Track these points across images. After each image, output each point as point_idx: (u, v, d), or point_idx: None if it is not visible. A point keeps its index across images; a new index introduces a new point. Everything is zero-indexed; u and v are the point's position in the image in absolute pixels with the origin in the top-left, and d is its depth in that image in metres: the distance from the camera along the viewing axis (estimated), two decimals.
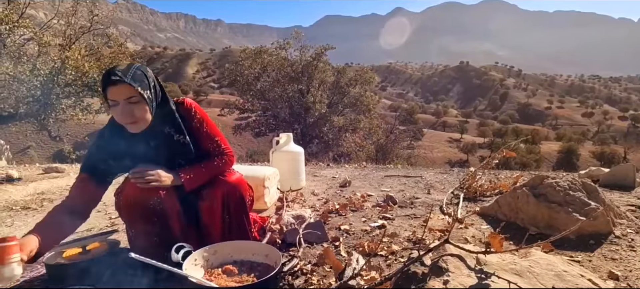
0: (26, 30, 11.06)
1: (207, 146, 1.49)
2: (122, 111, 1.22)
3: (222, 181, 1.47)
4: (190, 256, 1.17)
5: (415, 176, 3.51)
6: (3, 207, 3.01)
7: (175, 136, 1.40)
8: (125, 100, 1.22)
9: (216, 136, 1.51)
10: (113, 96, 1.23)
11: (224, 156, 1.52)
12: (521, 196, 1.88)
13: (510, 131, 58.42)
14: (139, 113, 1.25)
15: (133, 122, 1.26)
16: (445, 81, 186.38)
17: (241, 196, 1.50)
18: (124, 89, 1.21)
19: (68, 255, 1.60)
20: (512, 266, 1.04)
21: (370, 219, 2.16)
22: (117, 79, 1.19)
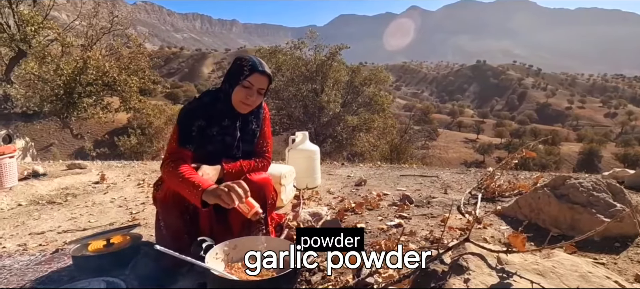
0: (50, 32, 11.44)
1: (260, 143, 1.66)
2: (249, 94, 1.48)
3: (248, 180, 1.52)
4: (211, 250, 1.20)
5: (431, 176, 3.48)
6: (30, 201, 3.13)
7: (253, 124, 1.62)
8: (258, 88, 1.49)
9: (268, 139, 1.70)
10: (254, 81, 1.47)
11: (264, 160, 1.67)
12: (542, 196, 1.84)
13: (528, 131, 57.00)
14: (257, 101, 1.53)
15: (249, 106, 1.52)
16: (461, 80, 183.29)
17: (265, 196, 1.54)
18: (264, 82, 1.49)
19: (93, 248, 1.66)
20: (534, 266, 1.03)
21: (387, 218, 2.16)
22: (267, 72, 1.49)
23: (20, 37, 10.20)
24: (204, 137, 1.54)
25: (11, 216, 2.69)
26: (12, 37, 10.16)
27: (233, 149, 1.59)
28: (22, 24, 10.26)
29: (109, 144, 22.62)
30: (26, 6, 10.85)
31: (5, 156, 3.55)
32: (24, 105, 11.50)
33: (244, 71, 1.47)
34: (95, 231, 2.26)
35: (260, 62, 1.50)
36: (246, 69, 1.47)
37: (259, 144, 1.66)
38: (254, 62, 1.48)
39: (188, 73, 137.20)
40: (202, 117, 1.52)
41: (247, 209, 1.27)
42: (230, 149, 1.59)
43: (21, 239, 2.17)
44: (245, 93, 1.48)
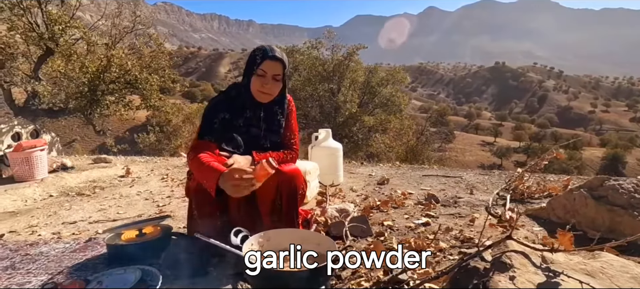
0: (77, 31, 11.81)
1: (286, 136, 1.67)
2: (265, 82, 1.48)
3: (278, 171, 1.52)
4: (247, 241, 1.20)
5: (454, 176, 3.42)
6: (60, 192, 3.23)
7: (278, 115, 1.63)
8: (272, 75, 1.48)
9: (295, 131, 1.71)
10: (266, 68, 1.47)
11: (292, 152, 1.67)
12: (579, 198, 1.78)
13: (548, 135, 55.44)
14: (274, 89, 1.52)
15: (267, 94, 1.51)
16: (479, 81, 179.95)
17: (295, 186, 1.54)
18: (277, 67, 1.49)
19: (126, 237, 1.70)
20: (582, 266, 0.99)
21: (413, 216, 2.13)
22: (278, 57, 1.47)
23: (48, 36, 10.57)
24: (229, 129, 1.56)
25: (43, 206, 2.79)
26: (41, 35, 10.53)
27: (260, 139, 1.61)
28: (50, 23, 10.63)
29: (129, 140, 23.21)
30: (54, 6, 11.24)
31: (36, 149, 3.68)
32: (50, 102, 11.91)
33: (257, 60, 1.49)
34: (124, 222, 2.31)
35: (272, 48, 1.51)
36: (258, 57, 1.49)
37: (286, 136, 1.67)
38: (265, 49, 1.50)
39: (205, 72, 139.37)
40: (226, 110, 1.55)
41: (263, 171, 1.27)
42: (258, 140, 1.60)
43: (55, 228, 2.24)
44: (261, 81, 1.49)
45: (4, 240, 2.05)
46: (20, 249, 1.87)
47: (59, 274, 1.56)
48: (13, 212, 2.67)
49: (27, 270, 1.61)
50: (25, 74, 11.34)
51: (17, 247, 1.91)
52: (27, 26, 10.56)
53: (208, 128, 1.52)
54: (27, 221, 2.42)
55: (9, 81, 11.18)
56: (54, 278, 1.52)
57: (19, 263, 1.70)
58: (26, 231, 2.21)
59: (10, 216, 2.56)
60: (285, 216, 1.55)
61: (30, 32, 10.60)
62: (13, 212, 2.67)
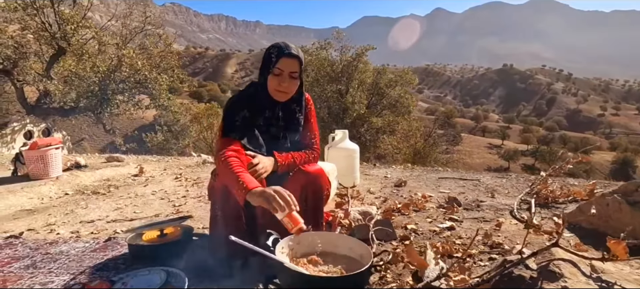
0: (88, 30, 11.92)
1: (306, 135, 1.63)
2: (282, 80, 1.44)
3: (303, 172, 1.51)
4: (278, 244, 1.17)
5: (472, 179, 3.35)
6: (76, 190, 3.24)
7: (297, 113, 1.58)
8: (289, 73, 1.44)
9: (315, 131, 1.66)
10: (283, 66, 1.43)
11: (314, 152, 1.63)
12: (612, 203, 1.71)
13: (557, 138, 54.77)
14: (292, 87, 1.48)
15: (284, 92, 1.48)
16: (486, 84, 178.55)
17: (320, 187, 1.50)
18: (293, 64, 1.44)
19: (147, 238, 1.67)
20: (635, 276, 0.94)
21: (436, 220, 2.08)
22: (294, 54, 1.43)
23: (60, 35, 10.69)
24: (250, 128, 1.52)
25: (60, 205, 2.78)
26: (53, 35, 10.65)
27: (280, 139, 1.57)
28: (63, 22, 10.75)
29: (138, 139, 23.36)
30: (67, 6, 11.37)
31: (51, 147, 3.69)
32: (62, 100, 12.03)
33: (272, 58, 1.45)
34: (142, 222, 2.30)
35: (287, 45, 1.47)
36: (273, 55, 1.45)
37: (306, 135, 1.63)
38: (281, 47, 1.46)
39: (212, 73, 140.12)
40: (246, 108, 1.52)
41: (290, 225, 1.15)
42: (277, 140, 1.57)
43: (73, 226, 2.23)
44: (278, 80, 1.45)
45: (23, 238, 2.04)
46: (40, 248, 1.86)
47: (81, 274, 1.54)
48: (30, 210, 2.67)
49: (49, 269, 1.59)
50: (37, 72, 11.47)
51: (36, 245, 1.90)
52: (39, 26, 10.69)
53: (231, 126, 1.49)
54: (44, 219, 2.41)
55: (22, 79, 11.31)
56: (77, 278, 1.50)
57: (40, 261, 1.68)
58: (44, 229, 2.20)
59: (28, 214, 2.56)
60: (311, 218, 1.51)
61: (42, 32, 10.73)
62: (30, 210, 2.67)
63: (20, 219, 2.44)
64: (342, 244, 1.23)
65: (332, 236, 1.33)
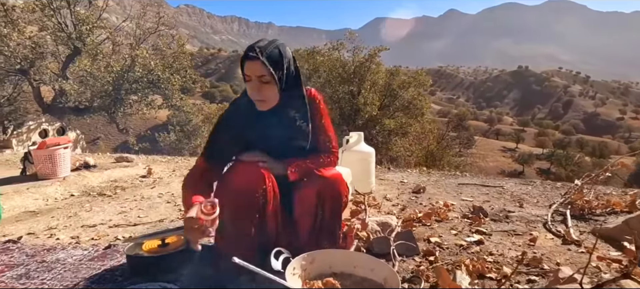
0: (103, 31, 12.05)
1: (320, 137, 1.44)
2: (252, 87, 1.26)
3: (319, 176, 1.34)
4: (289, 265, 1.02)
5: (495, 186, 3.15)
6: (82, 192, 3.15)
7: (299, 121, 1.39)
8: (257, 77, 1.25)
9: (330, 131, 1.47)
10: (248, 71, 1.25)
11: (331, 155, 1.45)
12: None
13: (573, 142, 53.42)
14: (267, 92, 1.28)
15: (261, 100, 1.29)
16: (501, 86, 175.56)
17: (338, 193, 1.34)
18: (258, 67, 1.23)
19: (147, 247, 1.54)
20: None
21: (462, 232, 1.90)
22: (254, 56, 1.23)
23: (76, 36, 10.82)
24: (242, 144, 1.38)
25: (64, 206, 2.69)
26: (69, 35, 10.79)
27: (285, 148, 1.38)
28: (78, 23, 10.88)
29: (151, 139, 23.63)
30: (82, 7, 11.52)
31: (60, 146, 3.62)
32: (76, 100, 12.18)
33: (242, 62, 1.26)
34: (145, 227, 2.18)
35: (252, 46, 1.27)
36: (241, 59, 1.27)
37: (319, 139, 1.44)
38: (249, 46, 1.27)
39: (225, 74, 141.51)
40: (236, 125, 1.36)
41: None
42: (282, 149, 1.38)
43: (74, 231, 2.12)
44: (249, 87, 1.28)
45: (22, 243, 1.94)
46: (37, 255, 1.75)
47: (74, 286, 1.41)
48: (34, 212, 2.59)
49: (42, 280, 1.47)
50: (53, 72, 11.64)
51: (34, 252, 1.79)
52: (56, 26, 10.85)
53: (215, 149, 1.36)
54: (46, 222, 2.32)
55: (38, 79, 11.49)
56: None
57: (34, 271, 1.57)
58: (45, 233, 2.10)
59: (31, 216, 2.48)
60: (326, 228, 1.35)
61: (59, 32, 10.88)
62: (34, 212, 2.59)
63: (22, 222, 2.35)
64: (363, 264, 1.07)
65: (351, 255, 1.17)
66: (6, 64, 10.64)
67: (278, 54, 1.26)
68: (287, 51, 1.31)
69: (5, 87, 13.14)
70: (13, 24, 10.21)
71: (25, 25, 10.69)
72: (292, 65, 1.33)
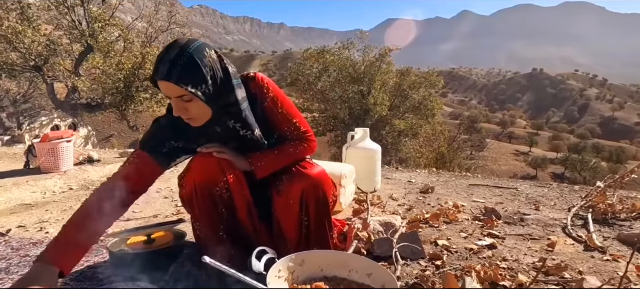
0: (115, 29, 12.17)
1: (283, 129, 1.25)
2: (176, 107, 1.04)
3: (302, 174, 1.20)
4: (273, 266, 0.90)
5: (508, 188, 2.98)
6: (81, 185, 3.10)
7: (241, 130, 1.17)
8: (177, 98, 1.02)
9: (294, 117, 1.25)
10: (163, 91, 1.03)
11: (304, 141, 1.26)
12: None
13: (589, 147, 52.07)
14: (194, 111, 1.06)
15: (192, 120, 1.09)
16: (514, 88, 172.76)
17: (324, 193, 1.20)
18: (172, 88, 1.00)
19: (132, 242, 1.45)
20: None
21: (472, 235, 1.75)
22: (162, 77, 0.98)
23: (89, 33, 10.94)
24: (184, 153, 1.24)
25: (61, 200, 2.64)
26: (82, 33, 10.93)
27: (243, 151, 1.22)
28: (91, 20, 11.01)
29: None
30: (95, 5, 11.66)
31: (62, 140, 3.59)
32: (89, 96, 12.34)
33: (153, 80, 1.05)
34: (138, 222, 2.10)
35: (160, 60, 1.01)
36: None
37: (284, 130, 1.24)
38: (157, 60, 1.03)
39: None
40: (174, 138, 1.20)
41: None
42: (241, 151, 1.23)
43: None
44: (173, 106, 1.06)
45: (10, 236, 1.87)
46: (21, 248, 1.68)
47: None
48: (29, 204, 2.53)
49: (20, 275, 1.39)
50: (66, 69, 11.80)
51: (19, 245, 1.72)
52: (70, 24, 11.00)
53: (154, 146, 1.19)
54: (40, 215, 2.26)
55: (52, 75, 11.66)
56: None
57: (15, 265, 1.49)
58: (35, 226, 2.03)
59: (25, 209, 2.42)
60: (314, 231, 1.22)
61: (73, 30, 11.03)
62: (29, 204, 2.53)
63: (16, 214, 2.29)
64: (359, 267, 0.95)
65: (347, 257, 1.05)
66: (21, 61, 10.82)
67: (195, 64, 1.00)
68: (206, 55, 1.04)
69: (21, 84, 13.43)
70: (29, 21, 10.38)
71: (40, 22, 10.87)
72: (218, 70, 1.07)
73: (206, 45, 1.06)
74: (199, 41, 1.05)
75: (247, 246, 1.21)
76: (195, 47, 1.02)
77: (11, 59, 10.90)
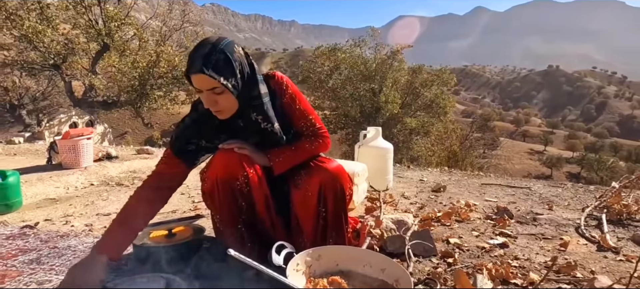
0: (130, 28, 12.42)
1: (300, 125, 1.31)
2: (206, 100, 1.12)
3: (319, 168, 1.25)
4: (292, 260, 0.94)
5: (522, 187, 2.96)
6: (101, 181, 3.21)
7: (263, 123, 1.24)
8: (208, 91, 1.10)
9: (310, 114, 1.32)
10: (197, 85, 1.10)
11: (319, 138, 1.32)
12: None
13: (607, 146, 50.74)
14: (223, 103, 1.13)
15: (220, 112, 1.16)
16: (529, 86, 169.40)
17: (341, 187, 1.24)
18: (205, 80, 1.07)
19: (154, 237, 1.52)
20: None
21: (484, 233, 1.77)
22: (197, 70, 1.06)
23: (105, 32, 11.20)
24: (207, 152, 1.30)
25: (83, 195, 2.74)
26: (99, 32, 11.19)
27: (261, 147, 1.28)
28: (108, 20, 11.27)
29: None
30: (112, 4, 11.92)
31: (83, 137, 3.71)
32: (105, 94, 12.63)
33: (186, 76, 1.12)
34: (158, 218, 2.17)
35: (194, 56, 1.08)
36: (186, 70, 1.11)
37: (299, 126, 1.31)
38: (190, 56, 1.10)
39: None
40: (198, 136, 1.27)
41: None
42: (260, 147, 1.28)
43: (89, 219, 2.14)
44: (203, 99, 1.13)
45: (38, 229, 1.97)
46: (50, 241, 1.77)
47: None
48: (54, 199, 2.64)
49: (51, 266, 1.47)
50: (84, 68, 12.10)
51: (48, 238, 1.81)
52: (87, 23, 11.27)
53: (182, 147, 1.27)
54: (64, 209, 2.36)
55: (70, 74, 11.98)
56: None
57: (46, 256, 1.58)
58: (61, 220, 2.13)
59: (51, 203, 2.53)
60: (331, 225, 1.26)
61: (89, 29, 11.30)
62: (54, 199, 2.64)
63: (42, 208, 2.40)
64: (374, 263, 0.98)
65: (361, 253, 1.09)
66: (41, 59, 11.15)
67: (225, 58, 1.09)
68: (236, 51, 1.13)
69: (40, 82, 13.84)
70: (48, 20, 10.67)
71: (58, 22, 11.17)
72: (245, 65, 1.16)
73: (234, 42, 1.15)
74: (227, 39, 1.15)
75: (264, 239, 1.26)
76: (225, 43, 1.11)
77: (31, 57, 11.25)
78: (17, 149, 5.30)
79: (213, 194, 1.25)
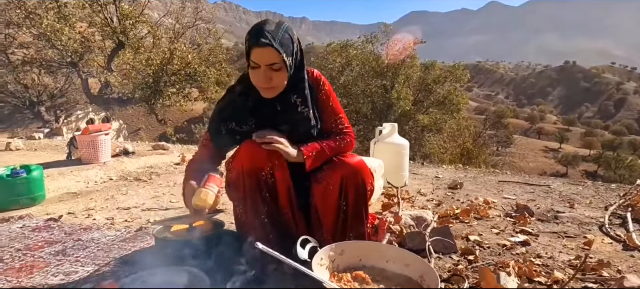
0: (145, 25, 12.60)
1: (329, 122, 1.35)
2: (262, 76, 1.15)
3: (341, 163, 1.26)
4: (316, 255, 0.95)
5: (540, 185, 2.91)
6: (120, 176, 3.27)
7: (300, 106, 1.28)
8: (268, 66, 1.14)
9: (340, 113, 1.37)
10: (257, 58, 1.14)
11: (346, 136, 1.35)
12: None
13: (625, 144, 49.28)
14: (277, 80, 1.18)
15: (270, 88, 1.19)
16: (544, 82, 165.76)
17: (363, 181, 1.24)
18: (270, 54, 1.12)
19: (175, 230, 1.54)
20: None
21: (504, 231, 1.74)
22: (266, 43, 1.11)
23: (120, 30, 11.38)
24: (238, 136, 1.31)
25: (103, 189, 2.80)
26: (114, 30, 11.38)
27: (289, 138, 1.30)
28: (122, 18, 11.45)
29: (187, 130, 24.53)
30: (127, 3, 12.10)
31: (101, 133, 3.79)
32: (120, 91, 12.86)
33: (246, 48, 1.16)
34: (176, 211, 2.21)
35: (261, 30, 1.13)
36: (247, 45, 1.16)
37: (328, 122, 1.35)
38: (252, 34, 1.15)
39: None
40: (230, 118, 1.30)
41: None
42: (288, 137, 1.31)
43: (110, 212, 2.19)
44: (255, 75, 1.17)
45: (62, 222, 2.02)
46: (74, 233, 1.81)
47: (106, 265, 1.44)
48: (75, 193, 2.71)
49: (76, 258, 1.51)
50: (99, 65, 12.34)
51: (71, 230, 1.86)
52: (103, 21, 11.47)
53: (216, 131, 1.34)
54: (85, 203, 2.41)
55: (86, 71, 12.22)
56: (101, 270, 1.41)
57: (71, 248, 1.62)
58: (83, 213, 2.18)
59: (72, 197, 2.59)
60: (351, 219, 1.26)
61: (105, 27, 11.50)
62: (75, 193, 2.71)
63: (64, 202, 2.46)
64: (396, 258, 0.98)
65: (384, 248, 1.08)
66: (59, 57, 11.40)
67: (288, 38, 1.16)
68: (294, 34, 1.20)
69: (58, 79, 14.17)
70: (65, 19, 10.89)
71: (75, 20, 11.39)
72: (299, 50, 1.23)
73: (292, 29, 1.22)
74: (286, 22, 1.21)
75: (285, 232, 1.27)
76: (287, 26, 1.19)
77: (49, 55, 11.51)
78: (38, 144, 5.44)
79: (238, 184, 1.27)
